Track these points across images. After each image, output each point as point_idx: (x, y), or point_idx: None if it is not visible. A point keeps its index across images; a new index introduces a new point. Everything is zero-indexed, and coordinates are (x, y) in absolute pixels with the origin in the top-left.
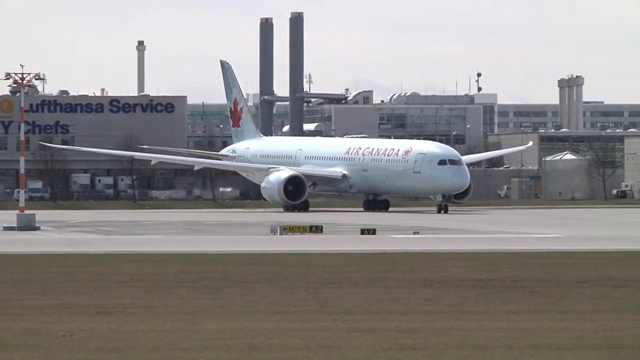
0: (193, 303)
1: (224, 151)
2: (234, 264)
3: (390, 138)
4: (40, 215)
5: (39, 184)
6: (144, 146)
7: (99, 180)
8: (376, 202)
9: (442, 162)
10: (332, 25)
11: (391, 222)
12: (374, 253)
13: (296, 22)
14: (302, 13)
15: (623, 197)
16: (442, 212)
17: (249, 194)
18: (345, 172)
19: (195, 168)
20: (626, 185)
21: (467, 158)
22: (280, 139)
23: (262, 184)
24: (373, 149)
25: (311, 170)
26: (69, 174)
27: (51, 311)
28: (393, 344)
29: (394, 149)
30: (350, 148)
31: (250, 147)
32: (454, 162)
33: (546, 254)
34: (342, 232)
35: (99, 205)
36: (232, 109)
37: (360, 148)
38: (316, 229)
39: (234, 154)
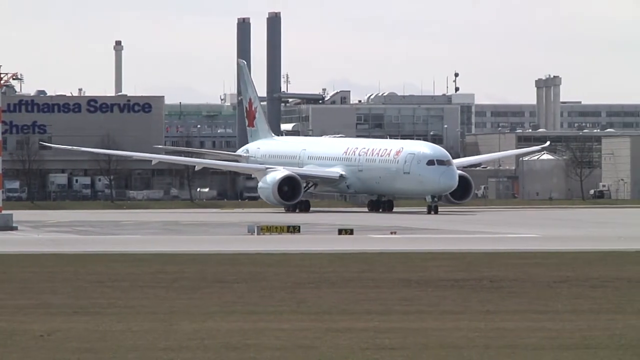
0: (170, 303)
1: (239, 151)
2: (211, 264)
3: (386, 138)
4: (18, 215)
5: (16, 184)
6: (159, 146)
7: (77, 180)
8: (380, 202)
9: (430, 163)
10: (309, 26)
11: (369, 222)
12: (351, 253)
13: (273, 22)
14: (279, 13)
15: (600, 197)
16: (433, 212)
17: (225, 194)
18: (343, 173)
19: (197, 168)
20: (603, 185)
21: (477, 158)
22: (289, 139)
23: (259, 184)
24: (368, 149)
25: (309, 170)
26: (46, 174)
27: (28, 311)
28: (371, 344)
29: (386, 149)
30: (348, 148)
31: (261, 147)
32: (442, 162)
33: (524, 254)
34: (319, 232)
35: (77, 205)
36: (247, 108)
37: (357, 148)
38: (293, 229)
39: (247, 154)
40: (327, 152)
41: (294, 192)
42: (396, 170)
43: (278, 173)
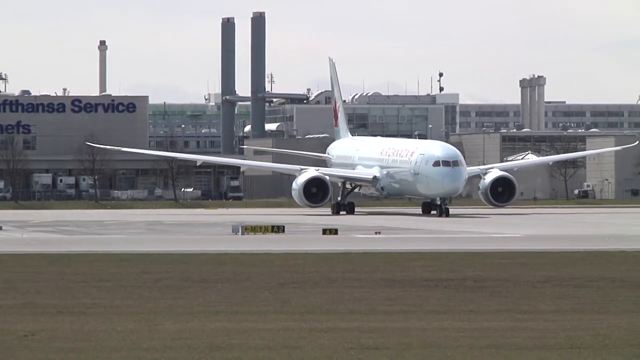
0: (154, 303)
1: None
2: (195, 264)
3: (416, 137)
4: (2, 215)
5: (0, 184)
6: (248, 147)
7: (61, 180)
8: (432, 205)
9: (436, 164)
10: (293, 26)
11: (355, 224)
12: (335, 253)
13: (258, 22)
14: (263, 13)
15: (585, 197)
16: (444, 215)
17: (210, 194)
18: (377, 174)
19: (242, 169)
20: (588, 185)
21: (514, 164)
22: (358, 139)
23: (292, 185)
24: (395, 150)
25: (343, 172)
26: (30, 174)
27: (13, 311)
28: (355, 343)
29: (407, 150)
30: (383, 149)
31: (334, 148)
32: (447, 163)
33: (507, 254)
34: (304, 232)
35: (61, 205)
36: (334, 107)
37: (389, 149)
38: (278, 228)
39: (328, 155)
40: (369, 154)
41: (324, 194)
42: (410, 171)
43: (306, 174)
